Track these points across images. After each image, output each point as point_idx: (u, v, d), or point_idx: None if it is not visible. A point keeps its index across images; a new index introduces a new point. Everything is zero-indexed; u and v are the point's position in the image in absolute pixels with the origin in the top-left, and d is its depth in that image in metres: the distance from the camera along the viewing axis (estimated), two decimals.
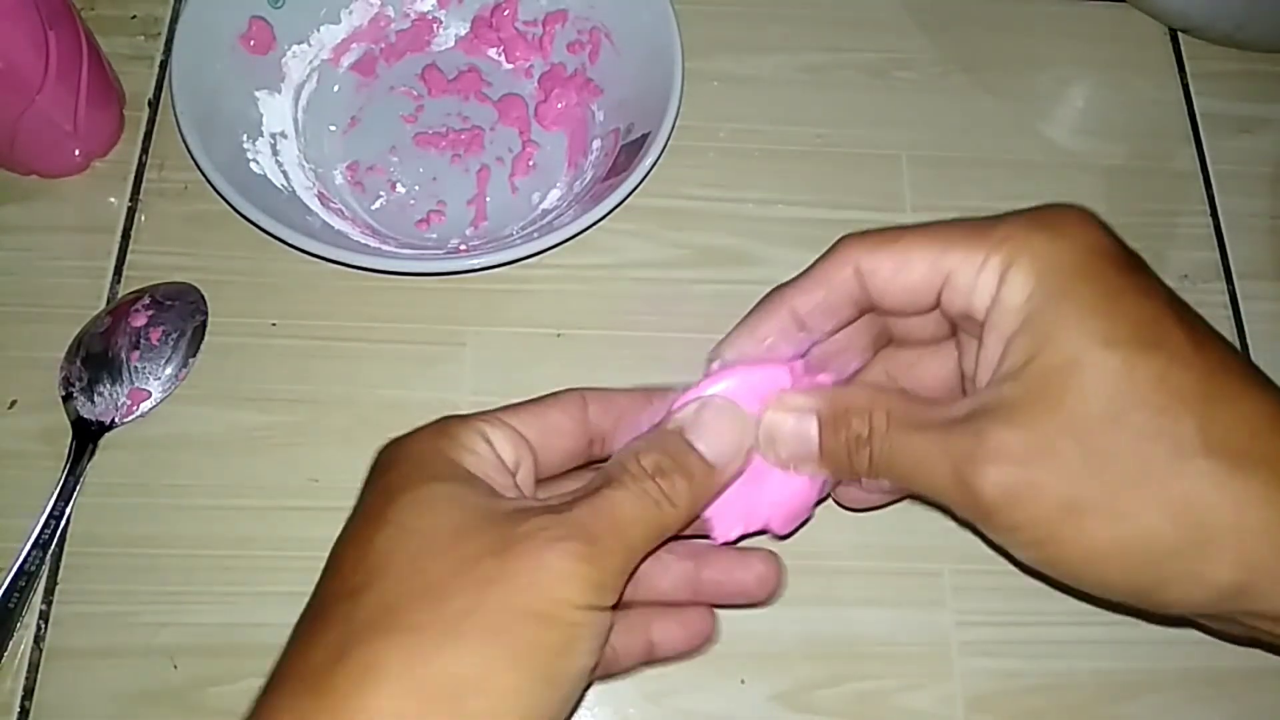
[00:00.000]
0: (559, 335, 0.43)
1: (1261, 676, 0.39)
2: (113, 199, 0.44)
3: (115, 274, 0.43)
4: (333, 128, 0.47)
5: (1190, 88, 0.51)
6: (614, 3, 0.46)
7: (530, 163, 0.47)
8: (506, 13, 0.48)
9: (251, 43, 0.45)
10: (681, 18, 0.44)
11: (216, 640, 0.37)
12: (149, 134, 0.46)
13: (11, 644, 0.36)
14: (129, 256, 0.43)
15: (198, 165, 0.40)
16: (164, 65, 0.47)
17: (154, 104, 0.47)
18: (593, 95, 0.47)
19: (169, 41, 0.47)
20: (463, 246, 0.44)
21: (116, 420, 0.40)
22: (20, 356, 0.41)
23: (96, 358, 0.41)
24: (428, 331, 0.43)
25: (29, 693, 0.36)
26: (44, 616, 0.37)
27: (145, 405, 0.40)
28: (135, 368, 0.41)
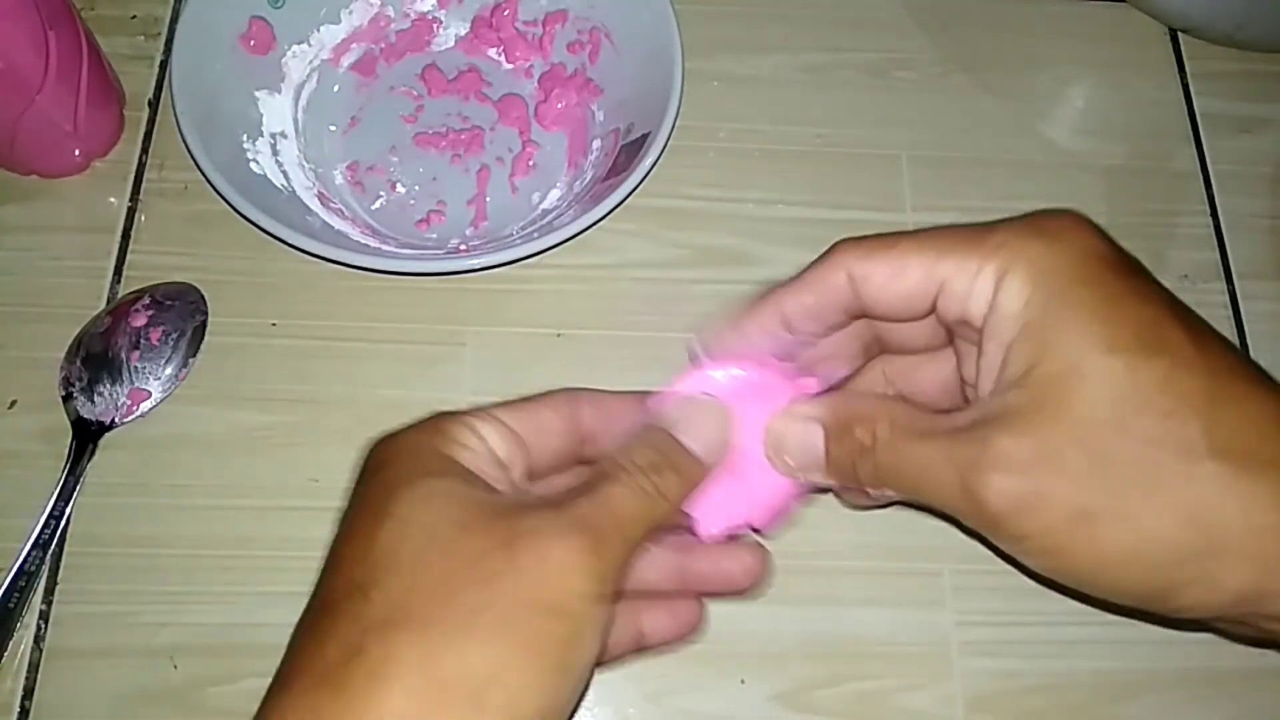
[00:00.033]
0: (559, 335, 0.43)
1: (1261, 676, 0.39)
2: (113, 199, 0.44)
3: (115, 274, 0.43)
4: (333, 128, 0.47)
5: (1190, 88, 0.51)
6: (614, 3, 0.46)
7: (530, 163, 0.47)
8: (506, 13, 0.48)
9: (251, 43, 0.45)
10: (681, 18, 0.44)
11: (216, 640, 0.37)
12: (149, 134, 0.46)
13: (11, 644, 0.37)
14: (129, 256, 0.43)
15: (198, 165, 0.40)
16: (164, 65, 0.47)
17: (154, 104, 0.47)
18: (593, 95, 0.47)
19: (169, 41, 0.47)
20: (463, 246, 0.44)
21: (116, 420, 0.40)
22: (20, 356, 0.41)
23: (96, 358, 0.41)
24: (428, 331, 0.43)
25: (29, 693, 0.36)
26: (44, 616, 0.37)
27: (145, 405, 0.40)
28: (135, 368, 0.41)
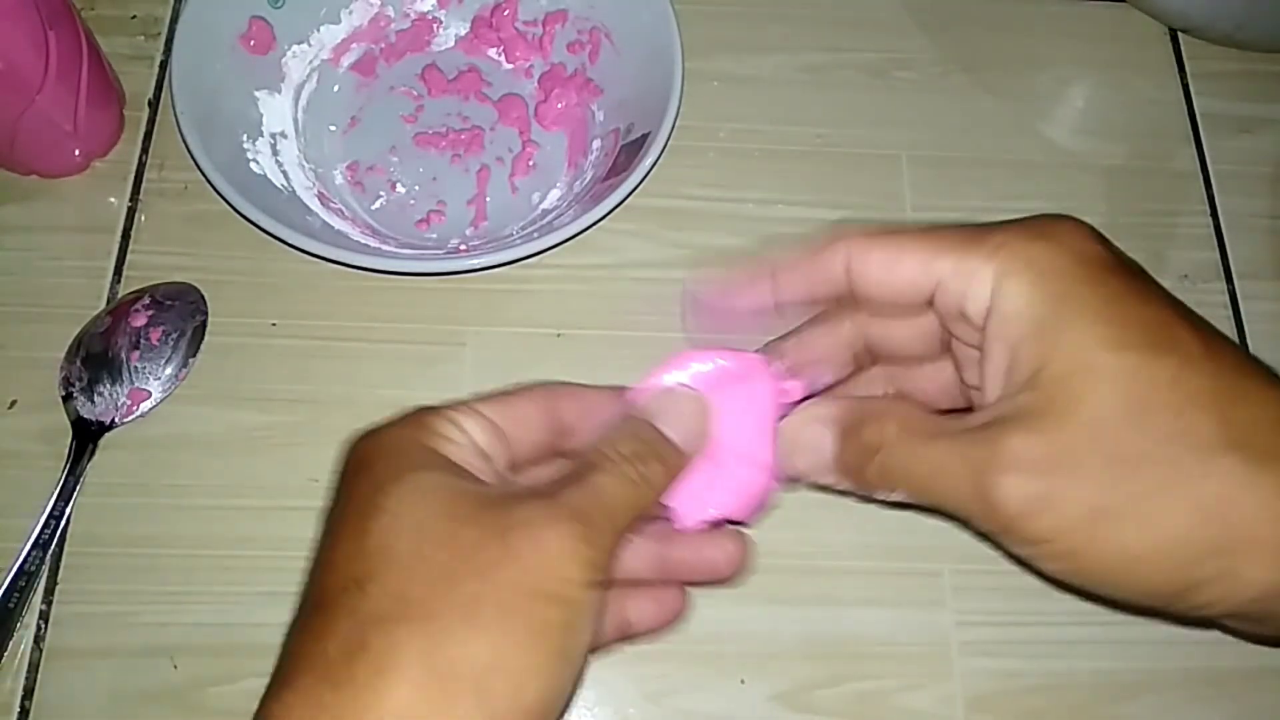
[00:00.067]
0: (559, 335, 0.43)
1: (1261, 676, 0.39)
2: (113, 199, 0.44)
3: (115, 274, 0.43)
4: (333, 128, 0.47)
5: (1190, 88, 0.51)
6: (614, 3, 0.46)
7: (530, 163, 0.47)
8: (506, 13, 0.48)
9: (251, 43, 0.45)
10: (681, 18, 0.44)
11: (216, 640, 0.37)
12: (149, 134, 0.46)
13: (11, 644, 0.37)
14: (129, 256, 0.43)
15: (198, 165, 0.40)
16: (164, 65, 0.47)
17: (154, 104, 0.47)
18: (593, 95, 0.47)
19: (169, 41, 0.47)
20: (463, 246, 0.44)
21: (116, 420, 0.40)
22: (20, 356, 0.41)
23: (96, 358, 0.41)
24: (428, 331, 0.43)
25: (29, 693, 0.36)
26: (44, 616, 0.37)
27: (145, 405, 0.40)
28: (135, 368, 0.41)
